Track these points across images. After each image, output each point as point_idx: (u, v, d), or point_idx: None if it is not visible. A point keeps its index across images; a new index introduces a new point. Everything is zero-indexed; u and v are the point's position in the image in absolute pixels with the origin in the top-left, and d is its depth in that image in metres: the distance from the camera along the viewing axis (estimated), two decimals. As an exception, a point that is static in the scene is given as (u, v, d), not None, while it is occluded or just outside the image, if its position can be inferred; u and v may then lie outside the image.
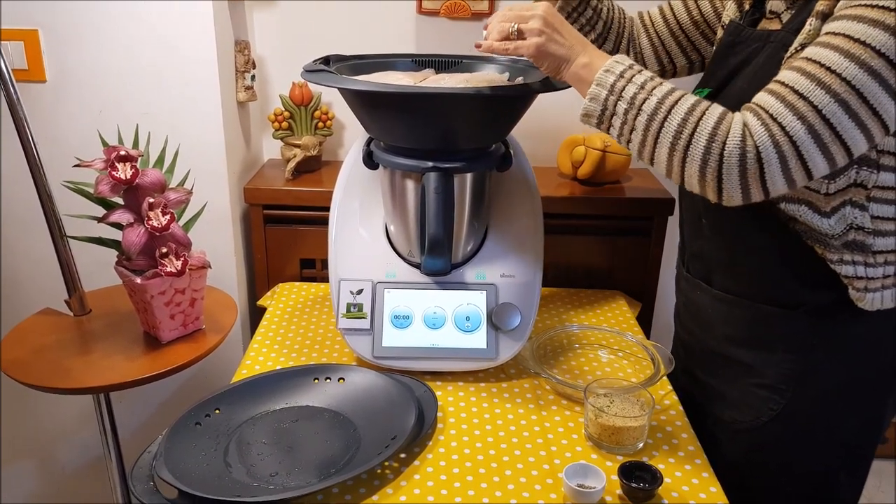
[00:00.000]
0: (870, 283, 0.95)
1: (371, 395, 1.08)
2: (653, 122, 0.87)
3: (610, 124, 0.91)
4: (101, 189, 1.13)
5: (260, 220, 1.51)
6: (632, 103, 0.88)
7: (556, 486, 0.93)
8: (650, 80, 0.89)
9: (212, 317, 1.30)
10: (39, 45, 1.36)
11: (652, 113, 0.87)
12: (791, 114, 0.81)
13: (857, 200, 0.92)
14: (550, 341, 1.26)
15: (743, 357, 1.05)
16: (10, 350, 1.21)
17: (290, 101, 1.55)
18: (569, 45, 0.93)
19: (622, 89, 0.89)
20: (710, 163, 0.84)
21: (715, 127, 0.84)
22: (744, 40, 1.00)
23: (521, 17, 0.94)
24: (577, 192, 1.52)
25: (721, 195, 0.86)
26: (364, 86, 1.03)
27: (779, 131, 0.81)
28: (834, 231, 0.93)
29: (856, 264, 0.94)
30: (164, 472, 0.89)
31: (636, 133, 0.89)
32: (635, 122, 0.88)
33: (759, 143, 0.82)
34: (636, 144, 0.90)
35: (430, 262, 1.12)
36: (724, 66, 1.02)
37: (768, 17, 1.00)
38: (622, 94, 0.88)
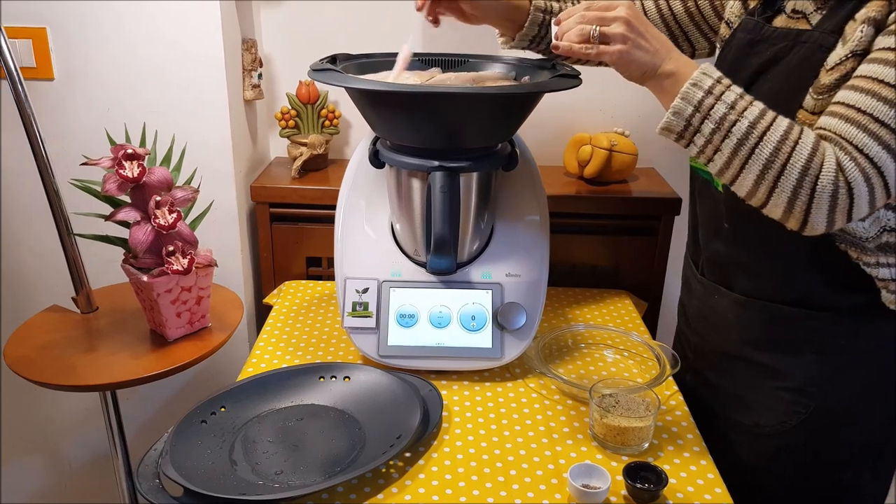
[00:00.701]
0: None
1: (376, 393, 1.08)
2: (742, 146, 0.83)
3: (691, 141, 0.87)
4: (109, 187, 1.13)
5: (266, 218, 1.52)
6: (720, 124, 0.84)
7: (562, 486, 0.93)
8: (740, 99, 0.84)
9: (218, 315, 1.31)
10: (48, 44, 1.37)
11: (742, 137, 0.83)
12: (877, 144, 0.79)
13: (890, 202, 0.89)
14: (556, 341, 1.26)
15: (765, 360, 1.03)
16: (17, 347, 1.22)
17: (296, 99, 1.55)
18: (653, 50, 0.88)
19: (710, 107, 0.84)
20: (800, 196, 0.82)
21: (808, 159, 0.81)
22: (765, 38, 0.97)
23: (602, 19, 0.88)
24: (583, 191, 1.52)
25: (805, 226, 0.84)
26: (370, 85, 1.03)
27: (868, 164, 0.80)
28: (868, 234, 0.91)
29: (890, 266, 0.93)
30: (169, 469, 0.89)
31: (721, 154, 0.85)
32: (722, 143, 0.84)
33: (852, 180, 0.80)
34: (718, 165, 0.86)
35: (435, 261, 1.12)
36: (747, 66, 0.98)
37: (791, 15, 0.96)
38: (710, 113, 0.84)
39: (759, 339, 1.04)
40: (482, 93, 1.02)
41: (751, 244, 1.01)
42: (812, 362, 0.99)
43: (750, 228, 1.00)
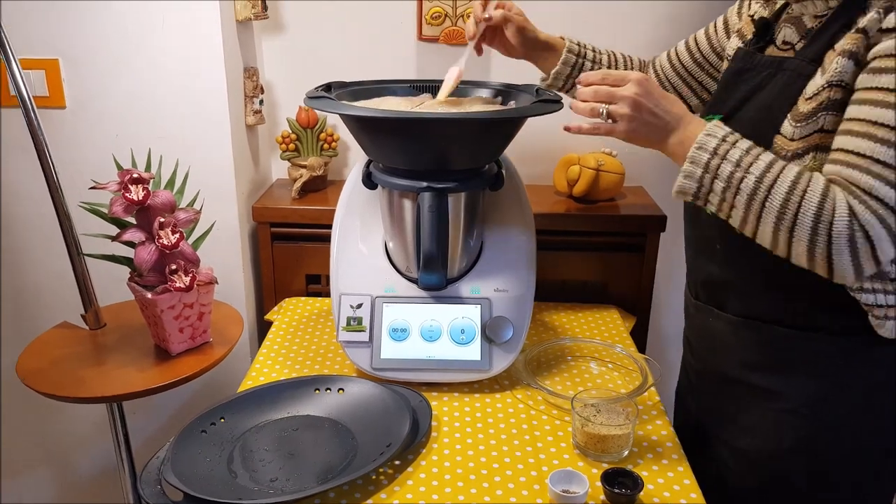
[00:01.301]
0: (889, 311, 0.94)
1: (369, 404, 1.12)
2: (753, 201, 0.85)
3: (707, 201, 0.89)
4: (115, 209, 1.19)
5: (267, 237, 1.57)
6: (729, 182, 0.86)
7: (543, 491, 0.97)
8: (746, 155, 0.86)
9: (219, 330, 1.36)
10: (60, 74, 1.44)
11: (751, 193, 0.85)
12: (884, 185, 0.81)
13: None
14: (543, 353, 1.31)
15: (761, 381, 1.03)
16: (29, 361, 1.27)
17: (296, 123, 1.61)
18: (662, 124, 0.91)
19: (717, 167, 0.86)
20: (818, 243, 0.83)
21: (819, 205, 0.82)
22: (753, 67, 1.00)
23: (611, 97, 0.91)
24: (572, 209, 1.57)
25: (833, 274, 0.85)
26: (361, 111, 1.09)
27: (879, 206, 0.81)
28: None
29: (875, 292, 0.93)
30: (170, 476, 0.94)
31: (736, 210, 0.87)
32: (734, 200, 0.86)
33: (865, 223, 0.81)
34: (737, 221, 0.88)
35: (425, 277, 1.17)
36: (735, 93, 1.01)
37: (781, 47, 0.99)
38: (718, 173, 0.86)
39: (754, 360, 1.04)
40: (468, 118, 1.08)
41: (742, 266, 1.02)
42: (807, 383, 0.99)
43: (741, 250, 1.00)
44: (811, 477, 1.03)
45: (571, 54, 1.24)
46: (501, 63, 1.62)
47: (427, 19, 1.58)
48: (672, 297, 1.83)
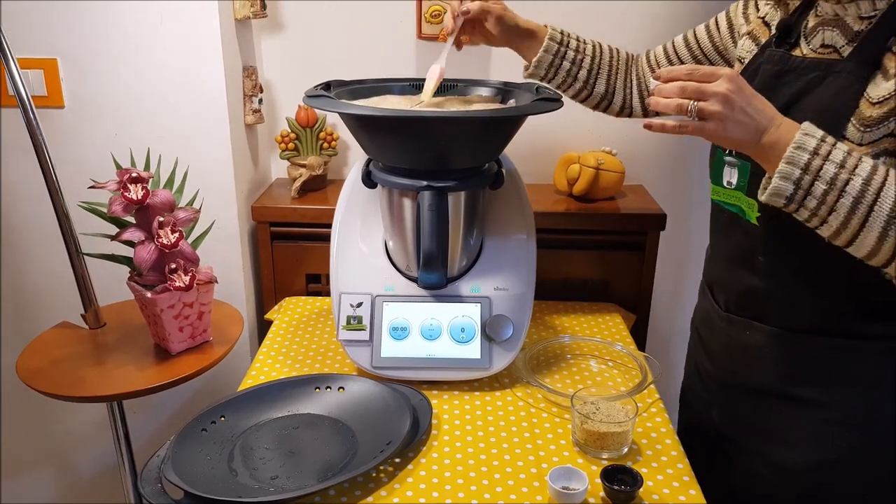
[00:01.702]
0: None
1: (369, 403, 1.13)
2: (859, 205, 0.81)
3: (801, 205, 0.84)
4: (115, 209, 1.19)
5: (267, 236, 1.58)
6: (832, 184, 0.81)
7: (543, 488, 0.97)
8: (848, 157, 0.82)
9: (219, 329, 1.37)
10: (58, 73, 1.44)
11: (858, 195, 0.81)
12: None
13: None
14: (543, 351, 1.31)
15: (804, 393, 1.00)
16: (29, 361, 1.28)
17: (296, 122, 1.61)
18: (754, 124, 0.85)
19: (819, 168, 0.82)
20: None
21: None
22: (793, 69, 0.95)
23: (700, 93, 0.84)
24: (572, 208, 1.57)
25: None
26: (360, 110, 1.09)
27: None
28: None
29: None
30: (171, 474, 0.95)
31: (836, 215, 0.83)
32: (837, 203, 0.82)
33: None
34: (834, 226, 0.84)
35: (425, 275, 1.17)
36: (777, 97, 0.94)
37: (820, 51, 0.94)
38: (819, 174, 0.82)
39: (796, 372, 1.01)
40: (467, 117, 1.08)
41: (787, 276, 0.99)
42: (855, 394, 0.97)
43: (786, 261, 0.98)
44: (858, 489, 1.00)
45: (553, 42, 1.20)
46: (501, 61, 1.63)
47: (426, 18, 1.58)
48: (672, 295, 1.83)
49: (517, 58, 1.24)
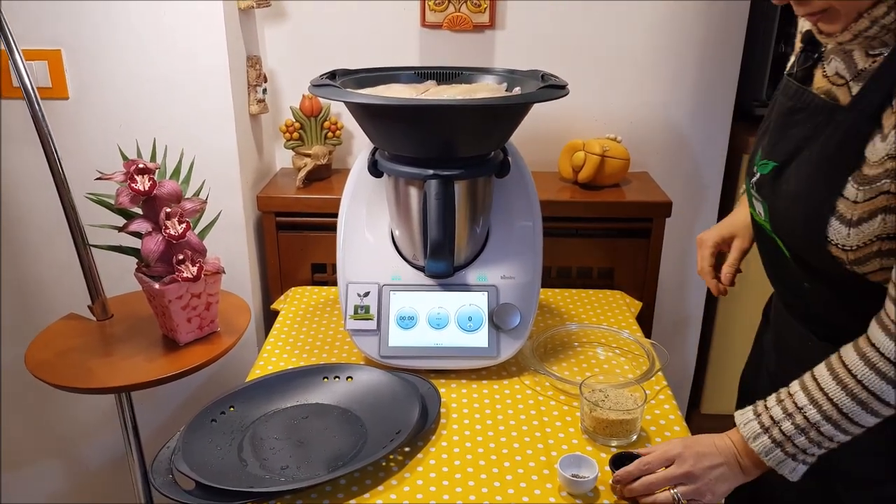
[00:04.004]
0: None
1: (377, 392, 1.13)
2: (835, 420, 0.82)
3: (806, 454, 0.86)
4: (122, 200, 1.19)
5: (273, 226, 1.57)
6: (802, 431, 0.84)
7: (552, 476, 0.98)
8: (783, 403, 0.86)
9: (227, 320, 1.37)
10: (62, 64, 1.43)
11: (826, 418, 0.83)
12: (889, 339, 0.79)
13: None
14: (551, 339, 1.31)
15: None
16: (37, 353, 1.28)
17: (300, 112, 1.61)
18: (726, 464, 0.89)
19: (782, 433, 0.85)
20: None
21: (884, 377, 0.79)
22: (804, 107, 0.89)
23: (671, 480, 0.89)
24: (577, 195, 1.57)
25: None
26: (367, 99, 1.09)
27: None
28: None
29: None
30: (182, 465, 0.95)
31: (833, 436, 0.84)
32: (821, 436, 0.84)
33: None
34: (842, 438, 0.84)
35: (432, 264, 1.17)
36: (788, 138, 0.90)
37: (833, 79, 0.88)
38: (788, 436, 0.85)
39: None
40: (473, 104, 1.07)
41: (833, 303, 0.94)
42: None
43: (830, 293, 0.94)
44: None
45: None
46: (506, 49, 1.62)
47: (430, 6, 1.57)
48: (678, 282, 1.83)
49: (522, 45, 1.24)
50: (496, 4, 1.58)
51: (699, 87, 1.67)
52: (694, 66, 1.65)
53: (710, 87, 1.67)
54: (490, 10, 1.57)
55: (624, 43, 1.63)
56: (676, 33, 1.61)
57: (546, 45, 1.62)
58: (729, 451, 0.90)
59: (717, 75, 1.66)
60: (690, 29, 1.61)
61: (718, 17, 1.60)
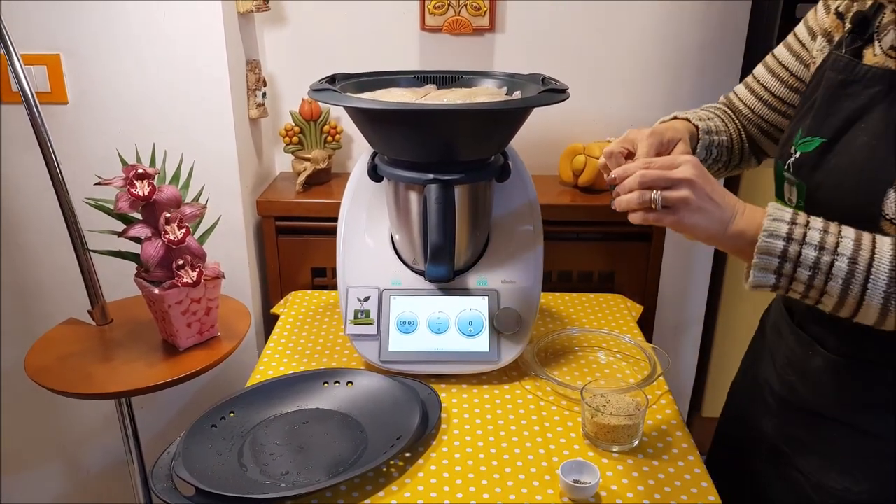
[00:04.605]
0: None
1: (378, 397, 1.13)
2: (851, 286, 0.76)
3: (789, 289, 0.80)
4: (121, 205, 1.19)
5: (272, 231, 1.57)
6: (816, 269, 0.77)
7: (554, 482, 0.97)
8: (826, 235, 0.77)
9: (227, 324, 1.36)
10: (61, 69, 1.43)
11: (847, 277, 0.76)
12: None
13: None
14: (551, 344, 1.31)
15: (862, 423, 0.93)
16: (37, 358, 1.28)
17: (299, 116, 1.61)
18: (719, 213, 0.80)
19: (798, 255, 0.77)
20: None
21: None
22: (858, 79, 0.86)
23: (666, 180, 0.79)
24: (578, 199, 1.57)
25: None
26: (366, 103, 1.08)
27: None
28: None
29: None
30: (182, 471, 0.95)
31: (829, 297, 0.78)
32: (826, 286, 0.77)
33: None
34: (830, 305, 0.79)
35: (433, 269, 1.16)
36: (838, 111, 0.87)
37: (889, 53, 0.85)
38: (800, 261, 0.77)
39: (857, 401, 0.94)
40: (473, 109, 1.07)
41: None
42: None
43: None
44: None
45: (706, 135, 1.05)
46: (506, 53, 1.62)
47: (430, 9, 1.57)
48: (679, 286, 1.83)
49: (522, 48, 1.23)
50: (496, 8, 1.58)
51: (700, 90, 1.67)
52: (694, 69, 1.65)
53: (711, 90, 1.66)
54: (490, 14, 1.57)
55: (624, 46, 1.63)
56: (677, 36, 1.61)
57: (546, 48, 1.62)
58: (733, 208, 0.81)
59: (717, 78, 1.66)
60: (691, 31, 1.60)
61: (719, 19, 1.60)
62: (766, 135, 1.09)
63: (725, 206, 0.80)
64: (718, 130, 1.06)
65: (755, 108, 1.07)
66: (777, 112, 1.05)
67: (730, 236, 0.80)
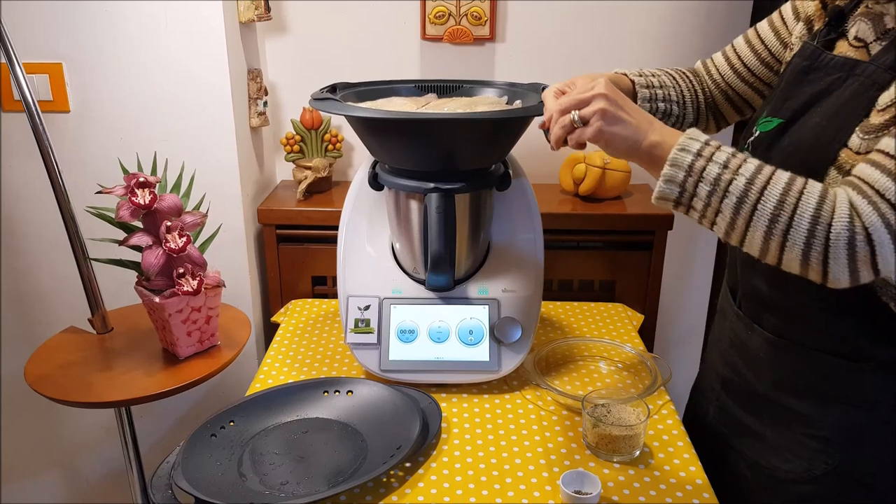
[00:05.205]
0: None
1: (378, 406, 1.12)
2: (743, 204, 0.79)
3: (690, 206, 0.83)
4: (122, 214, 1.19)
5: (273, 239, 1.57)
6: (716, 185, 0.80)
7: (555, 492, 0.97)
8: (733, 157, 0.81)
9: (227, 333, 1.36)
10: (63, 78, 1.43)
11: (741, 195, 0.79)
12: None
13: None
14: (552, 353, 1.31)
15: (795, 405, 0.97)
16: (37, 366, 1.27)
17: (300, 125, 1.61)
18: (635, 124, 0.85)
19: (703, 169, 0.80)
20: (814, 247, 0.76)
21: (817, 208, 0.76)
22: (821, 67, 0.90)
23: (581, 102, 0.86)
24: (578, 208, 1.56)
25: (826, 278, 0.78)
26: (367, 113, 1.09)
27: (888, 210, 0.74)
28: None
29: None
30: (181, 480, 0.94)
31: (723, 216, 0.81)
32: (721, 204, 0.80)
33: (869, 225, 0.75)
34: (723, 227, 0.82)
35: (433, 278, 1.17)
36: (799, 95, 0.92)
37: (853, 43, 0.90)
38: (703, 175, 0.80)
39: (789, 382, 0.98)
40: (474, 118, 1.08)
41: (787, 285, 0.93)
42: (842, 413, 0.93)
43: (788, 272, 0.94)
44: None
45: (644, 89, 1.10)
46: (506, 62, 1.62)
47: (430, 18, 1.58)
48: (680, 295, 1.83)
49: (522, 58, 1.23)
50: (496, 17, 1.59)
51: (700, 100, 1.67)
52: (694, 79, 1.65)
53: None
54: (490, 23, 1.58)
55: (624, 55, 1.63)
56: (677, 45, 1.61)
57: (547, 57, 1.62)
58: (650, 123, 0.86)
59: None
60: (692, 39, 1.61)
61: (720, 26, 1.60)
62: (730, 102, 1.14)
63: (641, 118, 0.86)
64: (663, 85, 1.12)
65: (725, 76, 1.12)
66: (745, 82, 1.10)
67: (647, 147, 0.85)
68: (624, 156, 0.87)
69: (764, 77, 1.09)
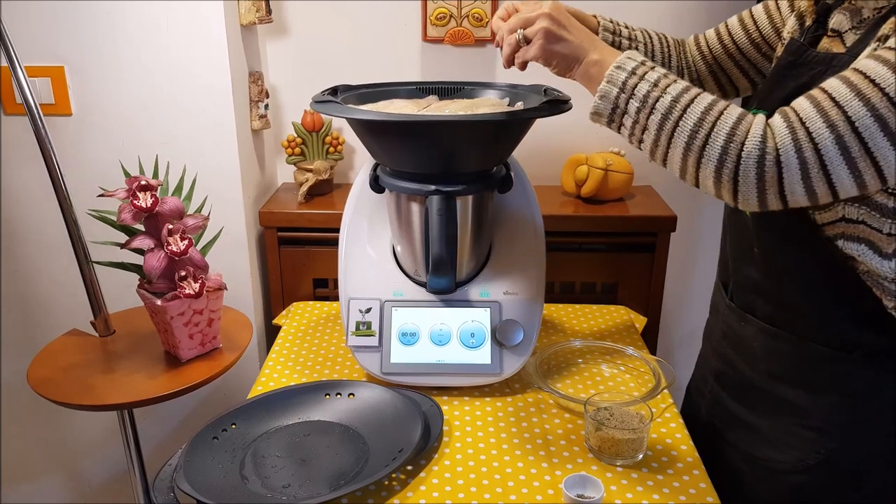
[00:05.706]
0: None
1: (379, 409, 1.12)
2: (667, 121, 0.82)
3: (621, 123, 0.87)
4: (124, 217, 1.19)
5: (274, 241, 1.57)
6: (644, 101, 0.83)
7: (557, 496, 0.97)
8: (664, 77, 0.84)
9: (229, 336, 1.36)
10: (65, 81, 1.44)
11: (666, 112, 0.82)
12: (821, 119, 0.76)
13: None
14: (554, 356, 1.30)
15: (788, 395, 0.98)
16: (39, 369, 1.27)
17: (302, 127, 1.61)
18: (577, 42, 0.90)
19: (634, 87, 0.84)
20: (726, 164, 0.79)
21: (734, 126, 0.79)
22: (805, 62, 0.93)
23: (525, 21, 0.92)
24: (580, 210, 1.56)
25: (737, 198, 0.81)
26: (368, 115, 1.08)
27: (804, 136, 0.76)
28: (891, 274, 0.86)
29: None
30: (183, 483, 0.94)
31: (648, 133, 0.84)
32: (648, 121, 0.84)
33: (780, 146, 0.77)
34: (648, 145, 0.85)
35: (434, 280, 1.16)
36: (783, 89, 0.94)
37: (830, 34, 0.92)
38: (634, 92, 0.84)
39: (782, 372, 0.99)
40: (475, 120, 1.07)
41: (778, 273, 0.96)
42: (835, 403, 0.94)
43: (777, 256, 0.96)
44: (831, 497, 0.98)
45: (608, 33, 1.15)
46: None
47: (432, 20, 1.58)
48: (683, 297, 1.82)
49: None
50: (498, 19, 1.58)
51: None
52: (696, 80, 1.64)
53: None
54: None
55: (626, 57, 1.62)
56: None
57: (548, 59, 1.62)
58: (592, 41, 0.91)
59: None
60: (693, 43, 1.60)
61: (721, 30, 1.60)
62: (714, 77, 1.17)
63: (583, 37, 0.91)
64: (633, 38, 1.17)
65: (714, 49, 1.16)
66: (731, 59, 1.14)
67: (586, 65, 0.90)
68: (566, 73, 0.92)
69: (751, 56, 1.12)
